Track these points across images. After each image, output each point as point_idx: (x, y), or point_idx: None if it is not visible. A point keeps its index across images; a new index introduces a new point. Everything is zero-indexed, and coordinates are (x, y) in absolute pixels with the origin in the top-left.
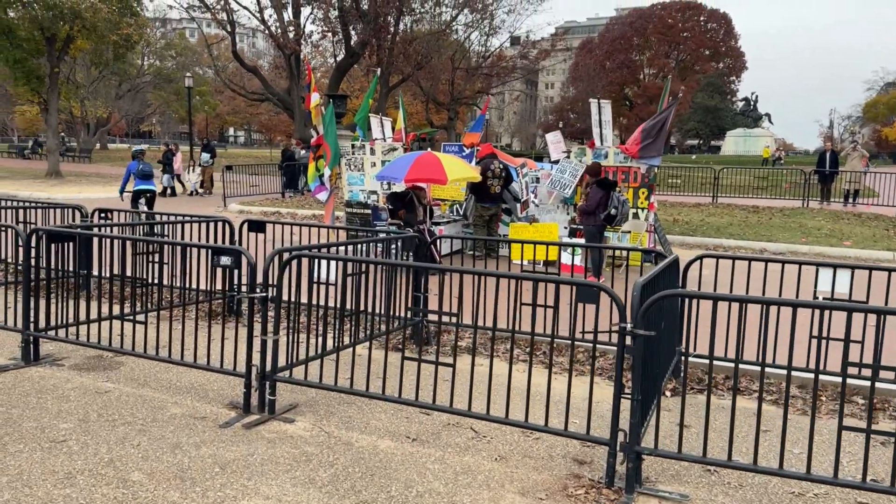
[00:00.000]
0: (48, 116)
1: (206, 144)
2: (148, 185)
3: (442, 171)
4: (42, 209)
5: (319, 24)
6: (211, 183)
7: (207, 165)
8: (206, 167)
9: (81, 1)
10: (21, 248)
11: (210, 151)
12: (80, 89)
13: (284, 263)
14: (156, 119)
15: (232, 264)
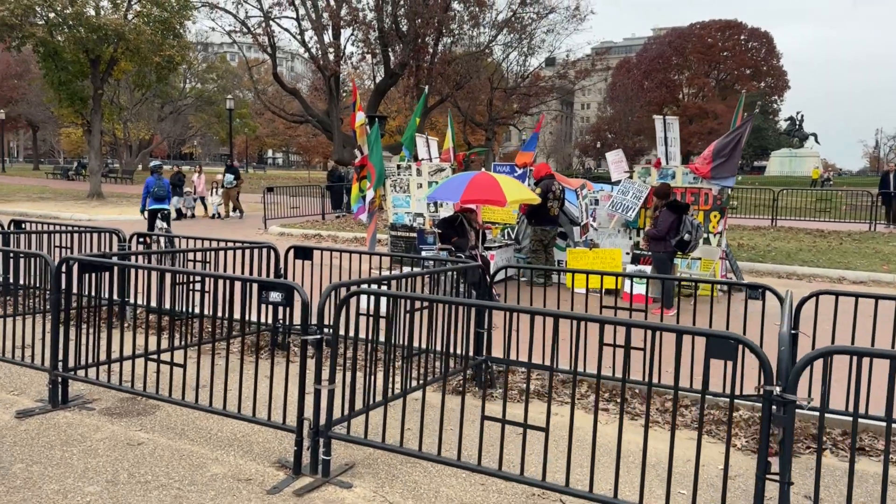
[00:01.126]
0: (91, 138)
1: (229, 166)
2: (162, 206)
3: (500, 191)
4: (79, 233)
5: (359, 45)
6: (235, 206)
7: (230, 187)
8: (229, 189)
9: (125, 23)
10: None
11: (234, 173)
12: (124, 111)
13: (342, 301)
14: (197, 141)
15: (282, 301)
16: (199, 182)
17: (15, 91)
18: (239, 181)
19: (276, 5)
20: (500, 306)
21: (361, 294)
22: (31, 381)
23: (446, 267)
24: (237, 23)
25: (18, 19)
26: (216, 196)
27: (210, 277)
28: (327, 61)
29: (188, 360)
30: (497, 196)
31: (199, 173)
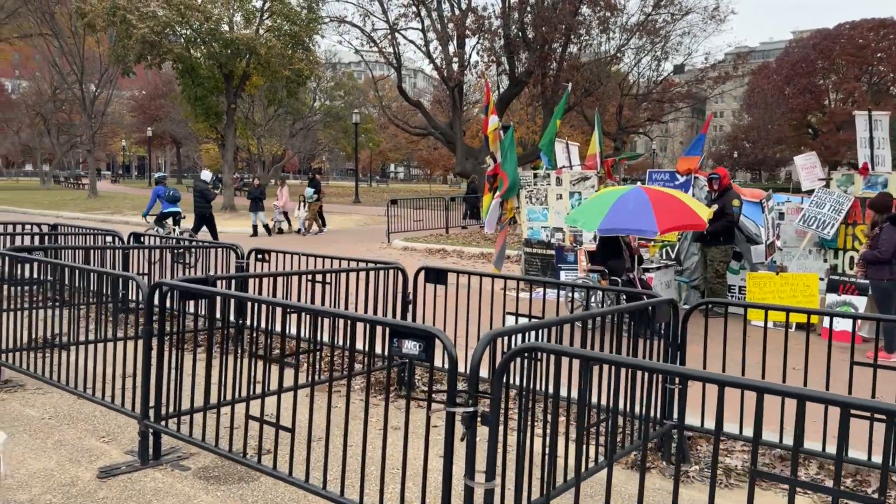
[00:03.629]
0: (224, 152)
1: (311, 179)
2: (175, 208)
3: (694, 212)
4: (196, 248)
5: (484, 54)
6: (317, 220)
7: (312, 201)
8: (311, 203)
9: (257, 37)
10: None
11: (315, 186)
12: (258, 127)
13: (506, 360)
14: (325, 156)
15: (420, 353)
16: (282, 195)
17: (161, 110)
18: (320, 195)
19: (402, 17)
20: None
21: (536, 351)
22: (127, 424)
23: (632, 304)
24: (364, 37)
25: (158, 36)
26: (303, 210)
27: (335, 317)
28: (451, 71)
29: (299, 405)
30: (695, 219)
31: (283, 186)
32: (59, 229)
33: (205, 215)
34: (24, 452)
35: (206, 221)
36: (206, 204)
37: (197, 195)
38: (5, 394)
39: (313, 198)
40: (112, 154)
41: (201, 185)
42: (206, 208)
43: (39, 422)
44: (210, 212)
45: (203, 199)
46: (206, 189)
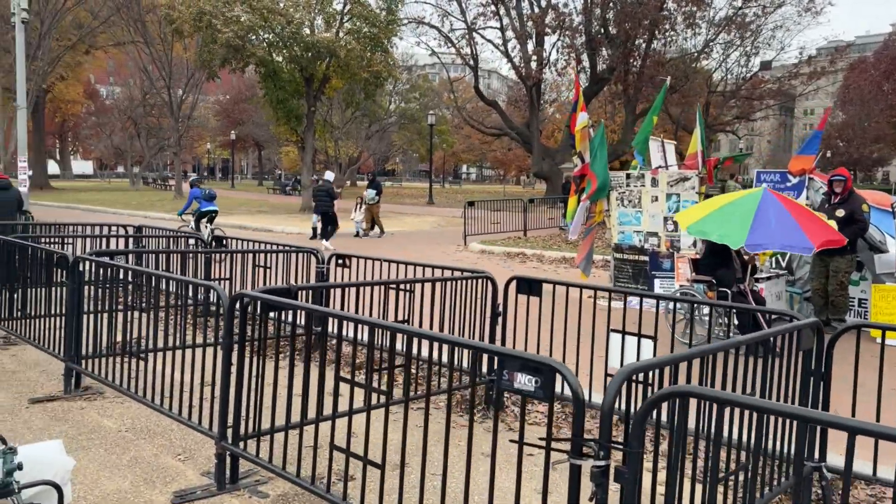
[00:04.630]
0: (304, 154)
1: (371, 180)
2: (212, 207)
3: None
4: (275, 253)
5: (564, 52)
6: (374, 224)
7: (373, 203)
8: (372, 205)
9: (336, 39)
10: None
11: (376, 188)
12: (335, 130)
13: (650, 405)
14: (399, 158)
15: (537, 391)
16: (359, 211)
17: (244, 113)
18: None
19: (481, 16)
20: None
21: (688, 396)
22: (204, 440)
23: (776, 330)
24: (441, 37)
25: (241, 41)
26: (359, 213)
27: (433, 340)
28: (529, 70)
29: (387, 425)
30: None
31: (361, 204)
32: (144, 231)
33: (328, 213)
34: (98, 470)
35: (330, 220)
36: (331, 202)
37: (322, 194)
38: (85, 402)
39: (374, 200)
40: (197, 156)
41: (327, 185)
42: (329, 206)
43: (116, 435)
44: (333, 210)
45: (329, 197)
46: (331, 188)
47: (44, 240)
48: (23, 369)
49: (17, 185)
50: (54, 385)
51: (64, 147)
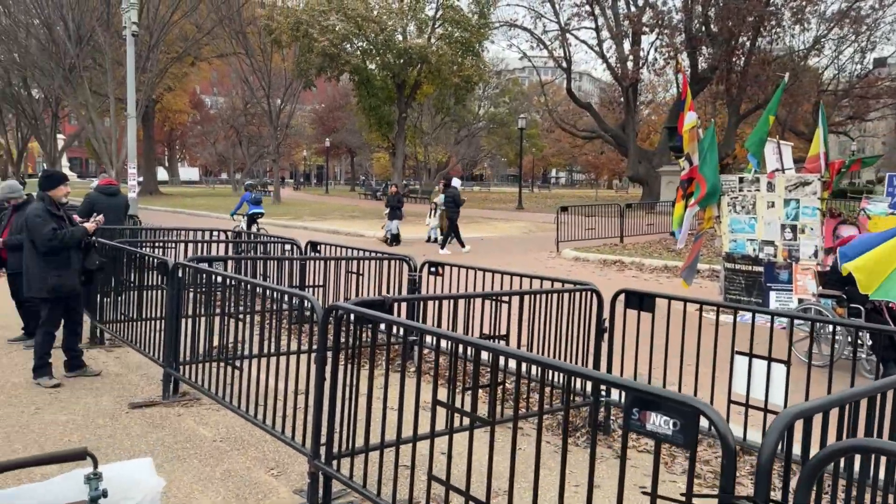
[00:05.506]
0: (395, 160)
1: (446, 184)
2: (258, 209)
3: None
4: (367, 261)
5: (663, 51)
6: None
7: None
8: (444, 211)
9: (428, 45)
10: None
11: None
12: (425, 135)
13: (821, 462)
14: (487, 162)
15: (674, 435)
16: (434, 218)
17: (338, 121)
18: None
19: (575, 16)
20: None
21: (867, 451)
22: (298, 454)
23: None
24: (533, 39)
25: (336, 49)
26: (433, 218)
27: (547, 367)
28: (625, 70)
29: (493, 453)
30: None
31: (435, 210)
32: (243, 236)
33: (454, 220)
34: (192, 483)
35: (454, 227)
36: (456, 209)
37: (449, 201)
38: (182, 408)
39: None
40: (294, 163)
41: (453, 192)
42: (455, 213)
43: (211, 445)
44: (457, 215)
45: (455, 204)
46: (457, 195)
47: (147, 245)
48: (125, 372)
49: (127, 191)
50: (153, 389)
51: (172, 154)
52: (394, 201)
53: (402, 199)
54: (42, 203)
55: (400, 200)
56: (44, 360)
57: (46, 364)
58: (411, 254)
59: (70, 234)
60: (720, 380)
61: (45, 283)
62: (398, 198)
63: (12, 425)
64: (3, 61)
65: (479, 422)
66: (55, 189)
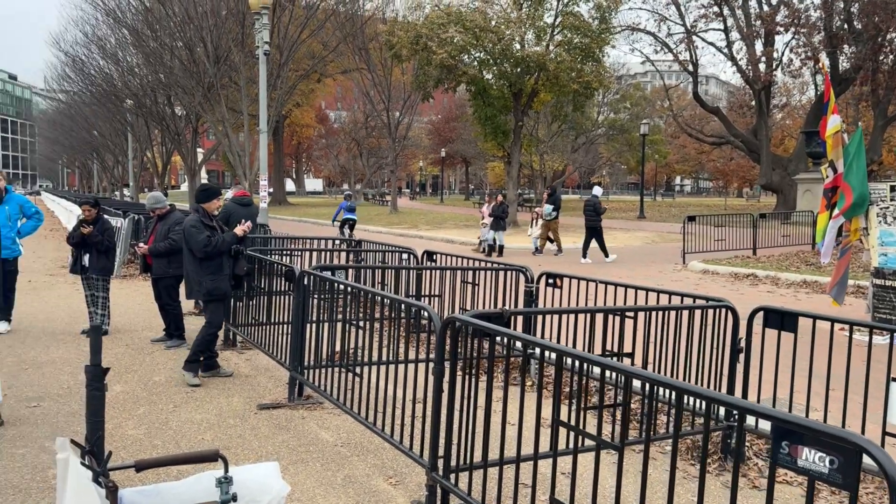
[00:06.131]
0: (510, 169)
1: (551, 194)
2: (351, 216)
3: None
4: (483, 271)
5: (800, 51)
6: (553, 240)
7: (550, 219)
8: (549, 221)
9: (546, 53)
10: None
11: (554, 203)
12: (541, 143)
13: None
14: (605, 170)
15: (831, 474)
16: (484, 213)
17: (453, 132)
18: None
19: (702, 18)
20: None
21: None
22: (415, 464)
23: None
24: (657, 43)
25: (454, 60)
26: (536, 228)
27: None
28: (757, 72)
29: (621, 477)
30: None
31: (537, 219)
32: (363, 245)
33: (595, 228)
34: (314, 488)
35: (595, 234)
36: (597, 217)
37: (589, 209)
38: (306, 411)
39: (552, 215)
40: (411, 174)
41: (594, 200)
42: (596, 221)
43: (332, 449)
44: (600, 224)
45: (595, 213)
46: (597, 203)
47: (276, 252)
48: (254, 374)
49: (259, 202)
50: (280, 392)
51: (299, 167)
52: (499, 211)
53: (506, 209)
54: (197, 214)
55: (505, 210)
56: (197, 356)
57: (198, 361)
58: (518, 264)
59: (222, 240)
60: (871, 409)
61: (202, 287)
62: (503, 208)
63: (153, 422)
64: (150, 82)
65: (606, 445)
66: (209, 202)
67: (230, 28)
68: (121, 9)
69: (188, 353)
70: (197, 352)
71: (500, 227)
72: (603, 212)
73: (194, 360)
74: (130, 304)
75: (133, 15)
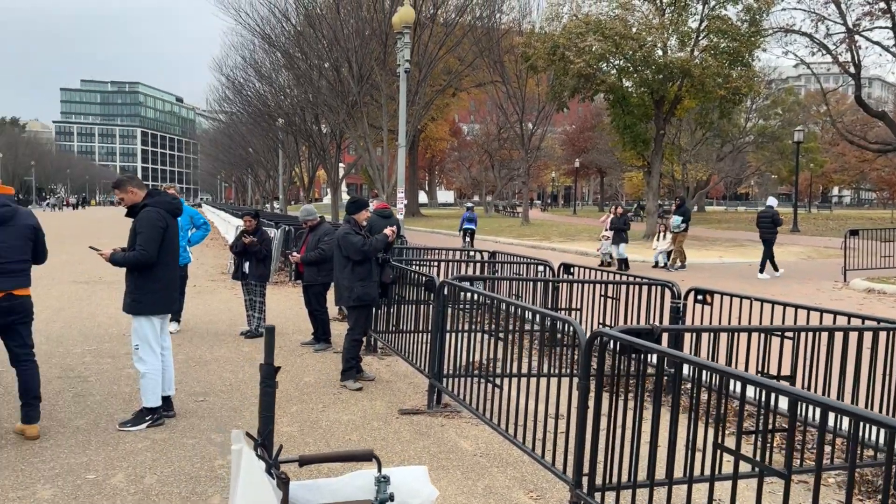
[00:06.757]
0: (650, 179)
1: (679, 206)
2: (470, 226)
3: None
4: (624, 285)
5: None
6: (681, 255)
7: (678, 231)
8: (677, 234)
9: (691, 58)
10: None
11: (682, 214)
12: (683, 152)
13: None
14: (753, 180)
15: None
16: (605, 223)
17: (588, 141)
18: (688, 224)
19: (866, 16)
20: None
21: None
22: (557, 480)
23: None
24: (814, 45)
25: (592, 69)
26: (663, 241)
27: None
28: None
29: None
30: None
31: (664, 231)
32: (497, 257)
33: (770, 241)
34: (456, 495)
35: (769, 246)
36: (774, 229)
37: (766, 221)
38: (444, 419)
39: (680, 227)
40: (542, 185)
41: (770, 211)
42: (772, 234)
43: (471, 459)
44: (774, 237)
45: (772, 224)
46: (775, 214)
47: (415, 262)
48: (394, 380)
49: (396, 214)
50: (419, 398)
51: (431, 179)
52: (619, 223)
53: (628, 220)
54: (348, 224)
55: (626, 222)
56: (350, 363)
57: (352, 367)
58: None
59: (376, 240)
60: None
61: (352, 293)
62: (624, 219)
63: (304, 420)
64: (300, 101)
65: (772, 472)
66: (359, 213)
67: (373, 48)
68: (275, 33)
69: (340, 363)
70: (349, 359)
71: (622, 240)
72: (780, 223)
73: (348, 368)
74: (281, 308)
75: (286, 39)
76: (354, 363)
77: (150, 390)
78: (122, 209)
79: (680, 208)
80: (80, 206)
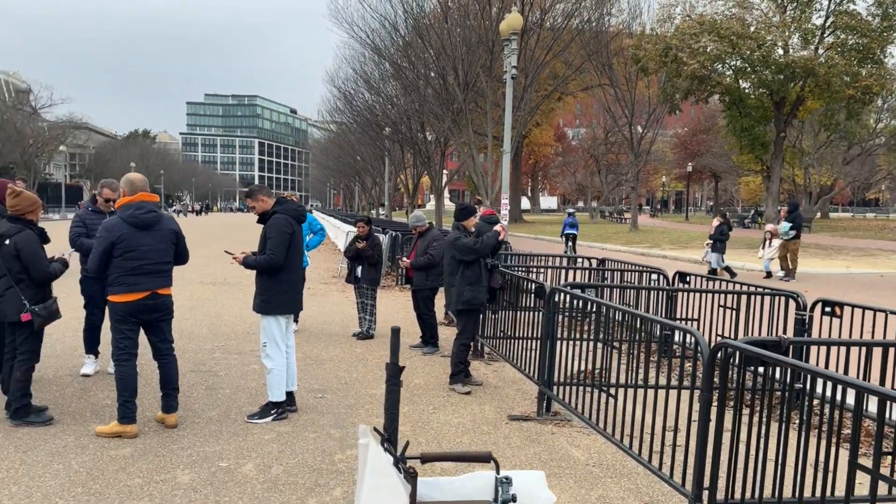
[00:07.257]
0: (769, 184)
1: (790, 211)
2: (572, 231)
3: None
4: (746, 295)
5: None
6: (791, 264)
7: (788, 239)
8: (787, 241)
9: (815, 57)
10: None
11: (794, 221)
12: (805, 156)
13: None
14: (884, 185)
15: None
16: (771, 247)
17: (701, 145)
18: (800, 231)
19: None
20: None
21: None
22: (672, 493)
23: None
24: None
25: (707, 70)
26: (770, 249)
27: None
28: None
29: None
30: None
31: (770, 239)
32: (606, 264)
33: None
34: (570, 503)
35: None
36: None
37: None
38: (554, 427)
39: (789, 234)
40: (651, 190)
41: None
42: None
43: (584, 468)
44: None
45: None
46: None
47: (521, 269)
48: (502, 385)
49: (502, 220)
50: (528, 405)
51: (534, 185)
52: (716, 234)
53: (724, 230)
54: (457, 231)
55: (723, 233)
56: (459, 367)
57: (461, 371)
58: (787, 290)
59: (488, 238)
60: None
61: (461, 297)
62: (721, 229)
63: (416, 421)
64: (406, 110)
65: None
66: (467, 219)
67: (479, 55)
68: (385, 44)
69: (449, 368)
70: (457, 364)
71: (718, 250)
72: None
73: (457, 371)
74: (389, 311)
75: (395, 50)
76: (463, 367)
77: (276, 385)
78: (243, 215)
79: (791, 214)
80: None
